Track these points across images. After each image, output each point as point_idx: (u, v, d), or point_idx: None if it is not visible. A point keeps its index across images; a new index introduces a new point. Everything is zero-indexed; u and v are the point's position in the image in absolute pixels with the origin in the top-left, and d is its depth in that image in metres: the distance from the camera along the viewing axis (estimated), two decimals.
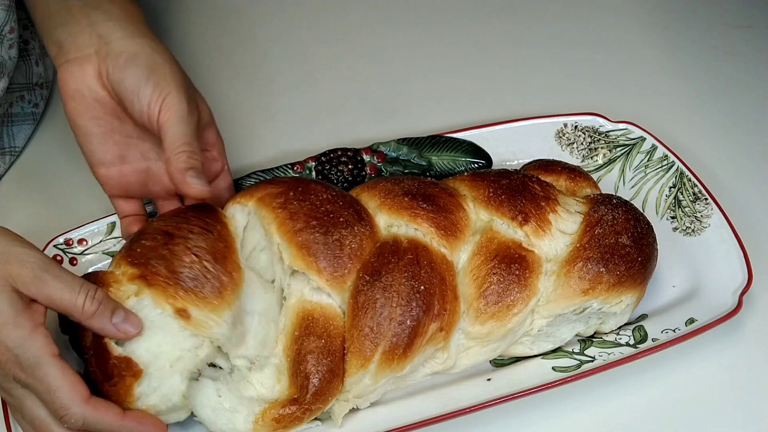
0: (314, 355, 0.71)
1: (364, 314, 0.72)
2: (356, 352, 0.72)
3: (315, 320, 0.72)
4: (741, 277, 0.82)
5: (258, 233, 0.77)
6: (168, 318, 0.70)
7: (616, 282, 0.78)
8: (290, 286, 0.74)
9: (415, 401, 0.76)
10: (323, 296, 0.74)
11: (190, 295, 0.69)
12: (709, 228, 0.88)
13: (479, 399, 0.74)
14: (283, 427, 0.71)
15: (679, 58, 1.15)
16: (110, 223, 0.87)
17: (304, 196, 0.76)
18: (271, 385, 0.73)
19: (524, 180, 0.82)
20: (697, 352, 0.81)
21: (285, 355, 0.73)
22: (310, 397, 0.70)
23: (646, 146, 0.95)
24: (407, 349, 0.72)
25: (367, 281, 0.73)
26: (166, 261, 0.70)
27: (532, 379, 0.76)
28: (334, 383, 0.72)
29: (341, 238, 0.74)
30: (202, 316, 0.69)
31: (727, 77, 1.12)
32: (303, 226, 0.74)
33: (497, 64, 1.15)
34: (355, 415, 0.76)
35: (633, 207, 0.83)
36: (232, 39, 1.18)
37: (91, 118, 0.80)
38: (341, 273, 0.73)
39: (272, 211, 0.75)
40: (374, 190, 0.81)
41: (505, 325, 0.76)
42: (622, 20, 1.21)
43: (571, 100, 1.07)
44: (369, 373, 0.73)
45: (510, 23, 1.21)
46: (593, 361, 0.78)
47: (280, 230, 0.74)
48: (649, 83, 1.12)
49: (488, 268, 0.76)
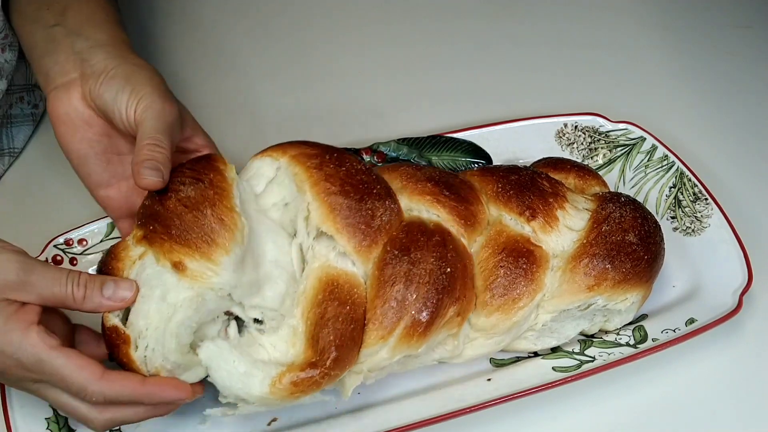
0: (338, 320, 0.70)
1: (391, 287, 0.72)
2: (378, 324, 0.71)
3: (340, 286, 0.71)
4: (741, 277, 0.82)
5: (286, 189, 0.76)
6: (167, 275, 0.69)
7: (621, 279, 0.78)
8: (314, 249, 0.74)
9: (415, 401, 0.77)
10: (348, 263, 0.73)
11: (183, 247, 0.68)
12: (709, 228, 0.88)
13: (479, 399, 0.74)
14: (301, 392, 0.69)
15: (679, 58, 1.16)
16: (110, 223, 0.87)
17: (339, 162, 0.76)
18: (285, 349, 0.71)
19: (533, 176, 0.82)
20: (697, 352, 0.81)
21: (304, 318, 0.71)
22: (331, 362, 0.69)
23: (646, 146, 0.95)
24: (427, 328, 0.72)
25: (396, 255, 0.73)
26: (160, 217, 0.70)
27: (532, 379, 0.76)
28: (354, 352, 0.71)
29: (374, 209, 0.74)
30: (198, 266, 0.68)
31: (727, 77, 1.12)
32: (338, 189, 0.73)
33: (497, 64, 1.15)
34: (355, 414, 0.76)
35: (641, 205, 0.83)
36: (232, 39, 1.18)
37: (81, 139, 0.80)
38: (369, 243, 0.73)
39: (306, 170, 0.75)
40: (396, 173, 0.80)
41: (511, 318, 0.76)
42: (622, 20, 1.21)
43: (571, 100, 1.07)
44: (387, 347, 0.72)
45: (510, 23, 1.21)
46: (593, 361, 0.78)
47: (313, 189, 0.74)
48: (649, 83, 1.12)
49: (496, 261, 0.76)
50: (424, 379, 0.79)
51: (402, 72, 1.14)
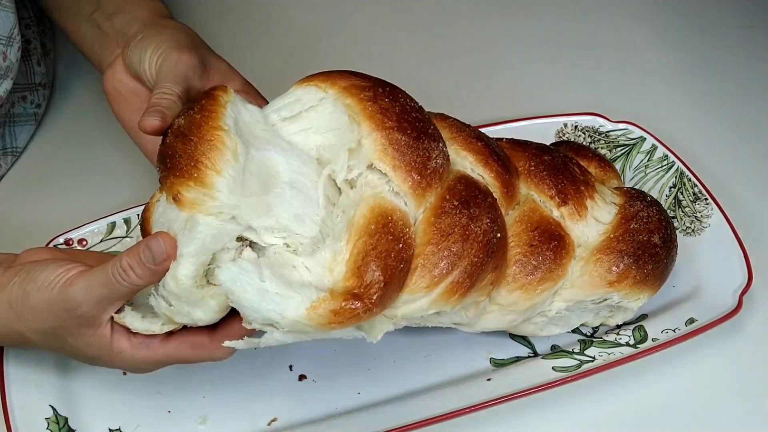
0: (390, 256, 0.66)
1: (447, 238, 0.68)
2: (427, 272, 0.68)
3: (394, 221, 0.67)
4: (741, 277, 0.82)
5: (327, 118, 0.72)
6: (171, 210, 0.66)
7: (641, 279, 0.77)
8: (367, 178, 0.70)
9: (415, 401, 0.76)
10: (401, 201, 0.69)
11: (178, 177, 0.65)
12: (709, 228, 0.88)
13: (479, 399, 0.74)
14: (339, 322, 0.63)
15: (679, 58, 1.16)
16: (110, 223, 0.87)
17: (393, 96, 0.72)
18: (321, 273, 0.66)
19: (565, 160, 0.80)
20: (697, 352, 0.81)
21: (352, 245, 0.66)
22: (377, 298, 0.64)
23: (646, 146, 0.95)
24: (469, 288, 0.69)
25: (456, 206, 0.70)
26: (161, 155, 0.68)
27: (532, 379, 0.76)
28: (396, 293, 0.67)
29: (430, 149, 0.70)
30: (193, 193, 0.65)
31: (727, 77, 1.12)
32: (395, 125, 0.70)
33: (498, 64, 1.15)
34: (355, 414, 0.76)
35: (663, 208, 0.83)
36: (232, 38, 1.18)
37: (132, 111, 0.80)
38: (424, 185, 0.69)
39: (360, 102, 0.71)
40: (445, 122, 0.78)
41: (531, 299, 0.75)
42: (622, 20, 1.21)
43: (571, 100, 1.07)
44: (429, 298, 0.69)
45: (510, 23, 1.21)
46: (593, 361, 0.78)
47: (371, 123, 0.70)
48: (649, 83, 1.12)
49: (528, 237, 0.75)
50: (424, 379, 0.79)
51: (402, 72, 1.13)
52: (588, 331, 0.83)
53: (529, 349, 0.81)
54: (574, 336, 0.82)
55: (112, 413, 0.76)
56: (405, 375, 0.79)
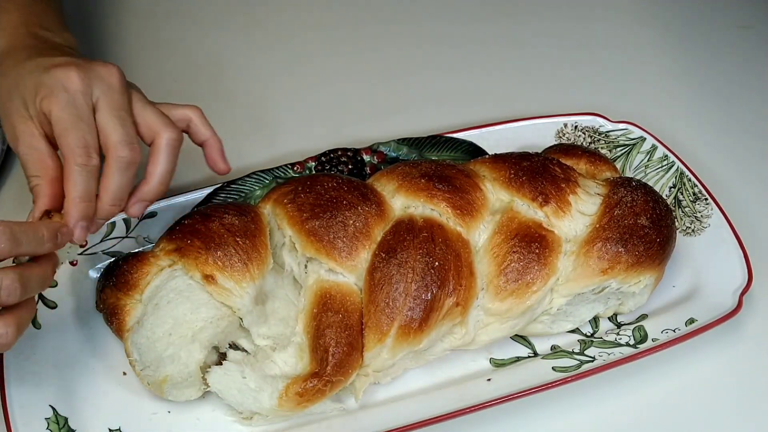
0: (332, 329, 0.73)
1: (380, 290, 0.74)
2: (373, 327, 0.74)
3: (332, 297, 0.75)
4: (741, 277, 0.82)
5: (276, 232, 0.80)
6: (195, 288, 0.75)
7: (634, 262, 0.78)
8: (308, 269, 0.77)
9: (415, 401, 0.77)
10: (339, 276, 0.76)
11: (218, 263, 0.75)
12: (709, 228, 0.88)
13: (479, 399, 0.74)
14: (307, 401, 0.72)
15: (679, 58, 1.16)
16: (110, 223, 0.87)
17: (310, 188, 0.80)
18: (294, 363, 0.75)
19: (545, 162, 0.84)
20: (697, 352, 0.81)
21: (305, 333, 0.75)
22: (331, 369, 0.72)
23: (646, 146, 0.95)
24: (423, 323, 0.74)
25: (383, 258, 0.75)
26: (201, 234, 0.76)
27: (532, 379, 0.76)
28: (354, 356, 0.73)
29: (345, 219, 0.77)
30: (227, 283, 0.74)
31: (727, 77, 1.12)
32: (309, 215, 0.78)
33: (497, 64, 1.15)
34: (355, 414, 0.76)
35: (652, 189, 0.84)
36: (233, 38, 1.18)
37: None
38: (348, 252, 0.76)
39: (283, 208, 0.79)
40: (393, 174, 0.83)
41: (525, 303, 0.77)
42: (622, 20, 1.21)
43: (571, 100, 1.07)
44: (386, 348, 0.74)
45: (510, 23, 1.21)
46: (593, 361, 0.78)
47: (290, 222, 0.78)
48: (649, 83, 1.12)
49: (509, 246, 0.77)
50: (424, 379, 0.79)
51: (402, 72, 1.14)
52: (588, 331, 0.83)
53: (530, 350, 0.81)
54: (574, 336, 0.82)
55: (112, 413, 0.76)
56: (405, 375, 0.79)
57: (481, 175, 0.83)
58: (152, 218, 0.88)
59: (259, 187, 0.91)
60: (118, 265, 0.78)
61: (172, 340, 0.74)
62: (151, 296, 0.76)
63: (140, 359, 0.74)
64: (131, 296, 0.76)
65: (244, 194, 0.90)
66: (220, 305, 0.75)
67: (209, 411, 0.77)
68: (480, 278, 0.77)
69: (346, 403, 0.77)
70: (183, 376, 0.73)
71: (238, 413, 0.75)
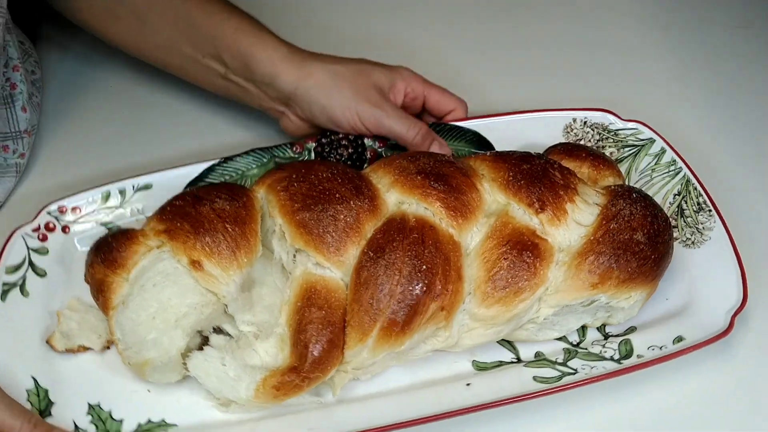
0: (314, 325, 0.73)
1: (365, 289, 0.73)
2: (356, 326, 0.73)
3: (317, 292, 0.74)
4: (735, 297, 0.80)
5: (268, 218, 0.80)
6: (182, 273, 0.75)
7: (626, 278, 0.77)
8: (296, 260, 0.76)
9: (392, 401, 0.77)
10: (326, 270, 0.75)
11: (206, 249, 0.74)
12: (709, 241, 0.85)
13: (456, 405, 0.74)
14: (283, 395, 0.72)
15: (695, 60, 1.12)
16: (104, 192, 0.87)
17: (305, 177, 0.79)
18: (275, 353, 0.75)
19: (545, 166, 0.81)
20: (684, 369, 0.80)
21: (287, 325, 0.74)
22: (309, 365, 0.72)
23: (655, 149, 0.93)
24: (405, 326, 0.73)
25: (371, 257, 0.74)
26: (191, 218, 0.76)
27: (512, 388, 0.76)
28: (334, 354, 0.73)
29: (336, 213, 0.76)
30: (213, 270, 0.74)
31: (744, 81, 1.09)
32: (300, 206, 0.77)
33: (501, 63, 1.13)
34: (332, 408, 0.76)
35: (653, 202, 0.82)
36: None
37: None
38: (337, 247, 0.75)
39: (276, 195, 0.79)
40: (390, 167, 0.81)
41: (511, 311, 0.76)
42: (637, 22, 1.18)
43: (582, 97, 1.04)
44: (367, 347, 0.73)
45: (520, 23, 1.19)
46: (575, 373, 0.77)
47: (281, 212, 0.77)
48: (662, 85, 1.10)
49: (500, 252, 0.76)
50: (404, 377, 0.79)
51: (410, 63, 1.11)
52: (575, 340, 0.82)
53: (513, 354, 0.81)
54: (560, 344, 0.81)
55: (93, 389, 0.77)
56: (385, 372, 0.79)
57: (480, 174, 0.82)
58: (147, 190, 0.88)
59: (257, 165, 0.90)
60: (107, 241, 0.78)
61: (156, 324, 0.74)
62: (138, 276, 0.76)
63: (123, 339, 0.74)
64: (118, 274, 0.76)
65: (240, 172, 0.90)
66: (206, 291, 0.75)
67: (188, 394, 0.77)
68: (468, 282, 0.76)
69: (325, 397, 0.77)
70: (164, 360, 0.74)
71: (216, 399, 0.76)
